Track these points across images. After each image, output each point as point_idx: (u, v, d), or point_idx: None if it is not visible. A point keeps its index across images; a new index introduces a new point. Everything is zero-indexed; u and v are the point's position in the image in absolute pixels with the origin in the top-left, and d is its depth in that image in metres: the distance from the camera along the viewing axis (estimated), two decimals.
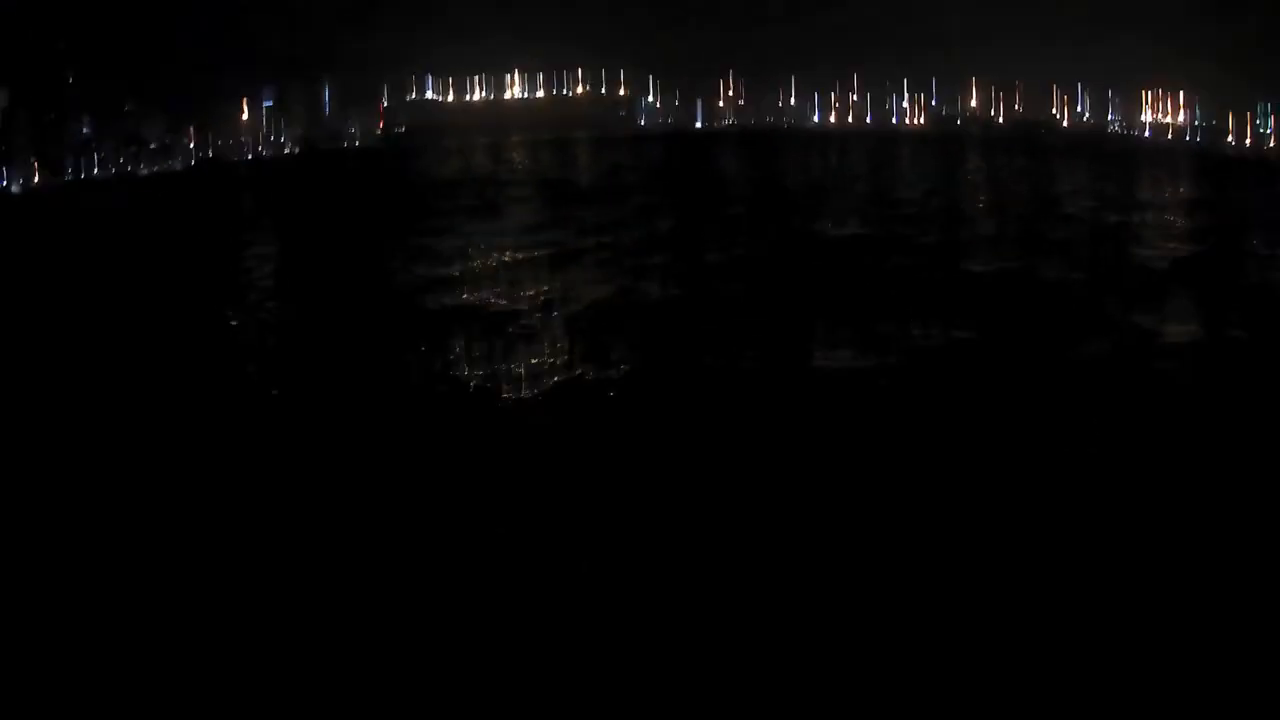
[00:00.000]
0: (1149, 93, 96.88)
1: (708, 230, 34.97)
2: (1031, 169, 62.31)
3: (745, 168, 63.73)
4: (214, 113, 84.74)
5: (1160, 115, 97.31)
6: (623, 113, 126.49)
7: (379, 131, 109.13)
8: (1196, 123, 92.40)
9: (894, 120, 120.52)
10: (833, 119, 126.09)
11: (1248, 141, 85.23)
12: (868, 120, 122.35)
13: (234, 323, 22.77)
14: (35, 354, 19.22)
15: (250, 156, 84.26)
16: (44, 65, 68.26)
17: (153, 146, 75.43)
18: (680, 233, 34.30)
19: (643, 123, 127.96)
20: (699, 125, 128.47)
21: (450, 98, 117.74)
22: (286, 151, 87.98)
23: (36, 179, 62.19)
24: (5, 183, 59.61)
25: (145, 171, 72.67)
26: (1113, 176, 56.09)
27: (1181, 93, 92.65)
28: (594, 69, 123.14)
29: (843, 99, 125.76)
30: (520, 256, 29.51)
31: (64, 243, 39.99)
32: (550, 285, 24.16)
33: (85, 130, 72.03)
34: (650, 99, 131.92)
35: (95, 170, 69.13)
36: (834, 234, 32.81)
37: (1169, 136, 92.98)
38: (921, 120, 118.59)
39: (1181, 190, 49.39)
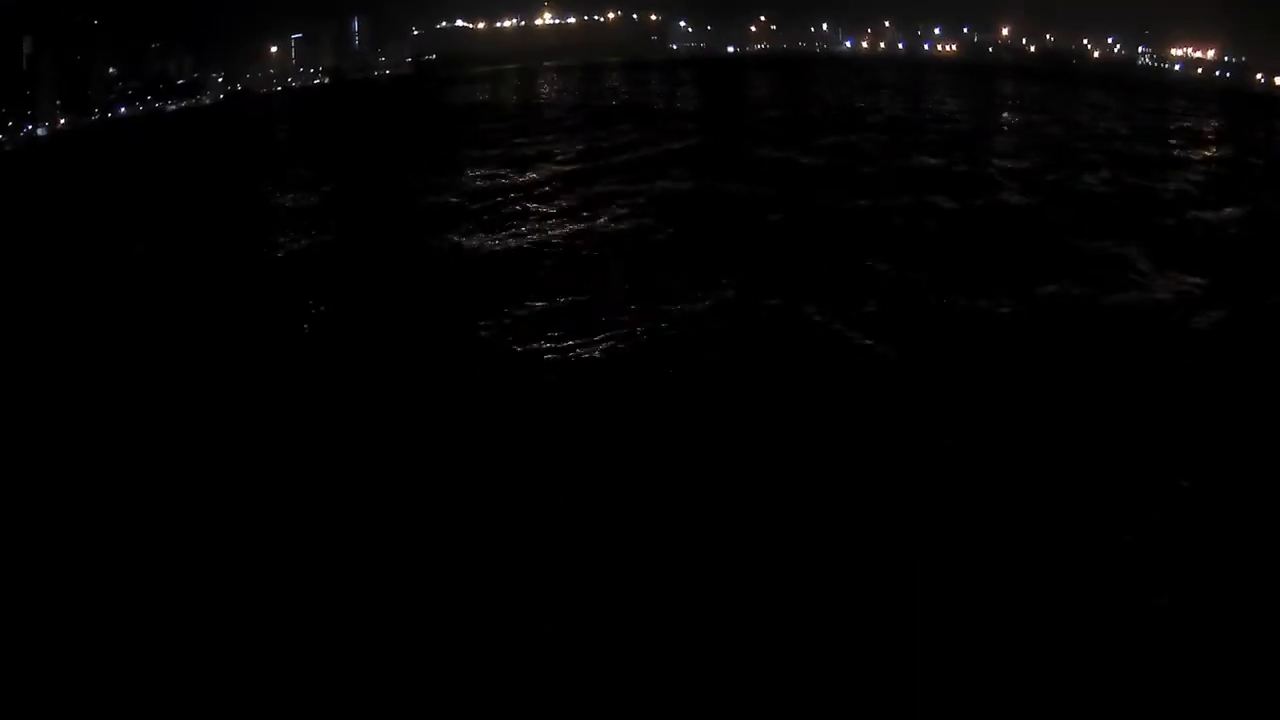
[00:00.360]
0: (1180, 27, 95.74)
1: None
2: (1062, 96, 58.93)
3: (777, 91, 61.14)
4: (243, 47, 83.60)
5: (1191, 50, 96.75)
6: (654, 37, 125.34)
7: (409, 60, 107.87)
8: (1226, 58, 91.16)
9: (925, 47, 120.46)
10: (864, 45, 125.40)
11: (1278, 80, 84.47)
12: (900, 46, 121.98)
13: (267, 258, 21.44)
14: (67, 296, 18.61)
15: (280, 89, 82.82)
16: (69, 6, 67.17)
17: (180, 83, 74.19)
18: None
19: (674, 47, 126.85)
20: (730, 50, 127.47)
21: (481, 25, 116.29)
22: (316, 83, 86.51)
23: (62, 121, 61.10)
24: (31, 125, 58.52)
25: (173, 108, 71.42)
26: (1142, 106, 53.43)
27: (1212, 29, 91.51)
28: None
29: (875, 25, 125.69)
30: (548, 185, 27.86)
31: (88, 184, 39.23)
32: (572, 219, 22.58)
33: (112, 70, 70.96)
34: (681, 23, 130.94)
35: (123, 109, 67.98)
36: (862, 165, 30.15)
37: (1199, 71, 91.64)
38: (953, 48, 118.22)
39: (1211, 123, 46.45)
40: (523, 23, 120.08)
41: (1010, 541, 8.40)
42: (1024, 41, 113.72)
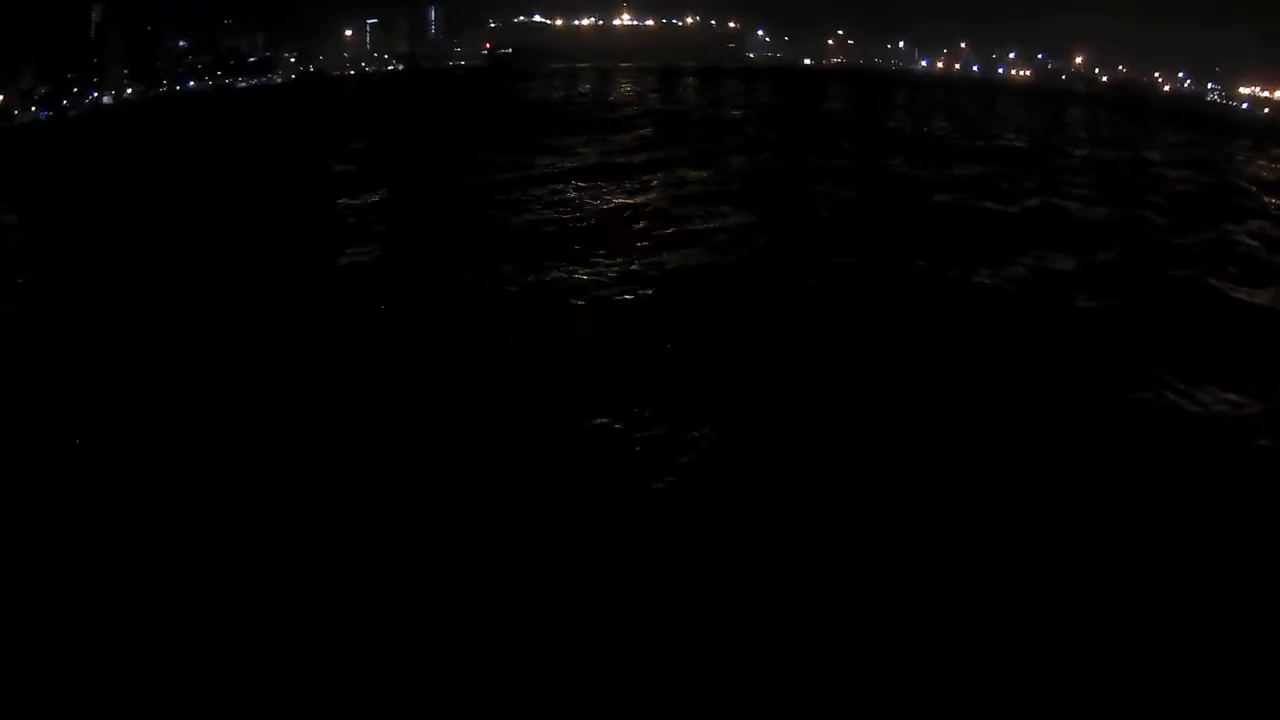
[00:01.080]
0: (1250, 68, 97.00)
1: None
2: (1129, 126, 57.67)
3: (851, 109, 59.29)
4: (317, 28, 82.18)
5: (1259, 90, 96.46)
6: (731, 45, 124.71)
7: (484, 52, 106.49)
8: None
9: (999, 71, 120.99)
10: (939, 65, 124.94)
11: None
12: (974, 69, 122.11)
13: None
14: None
15: (352, 72, 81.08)
16: None
17: (252, 60, 72.54)
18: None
19: (751, 55, 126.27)
20: (807, 62, 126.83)
21: (559, 21, 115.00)
22: (390, 69, 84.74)
23: (129, 91, 59.41)
24: (97, 93, 56.87)
25: (244, 85, 69.68)
26: (1206, 141, 51.64)
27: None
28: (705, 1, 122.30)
29: (950, 46, 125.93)
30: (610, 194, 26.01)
31: (152, 152, 37.93)
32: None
33: (182, 43, 69.53)
34: (759, 32, 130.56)
35: (191, 83, 66.32)
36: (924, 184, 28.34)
37: (1265, 111, 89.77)
38: (1027, 73, 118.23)
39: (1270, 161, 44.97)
40: (600, 22, 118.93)
41: (1010, 541, 8.33)
42: (1096, 71, 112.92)
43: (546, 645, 7.02)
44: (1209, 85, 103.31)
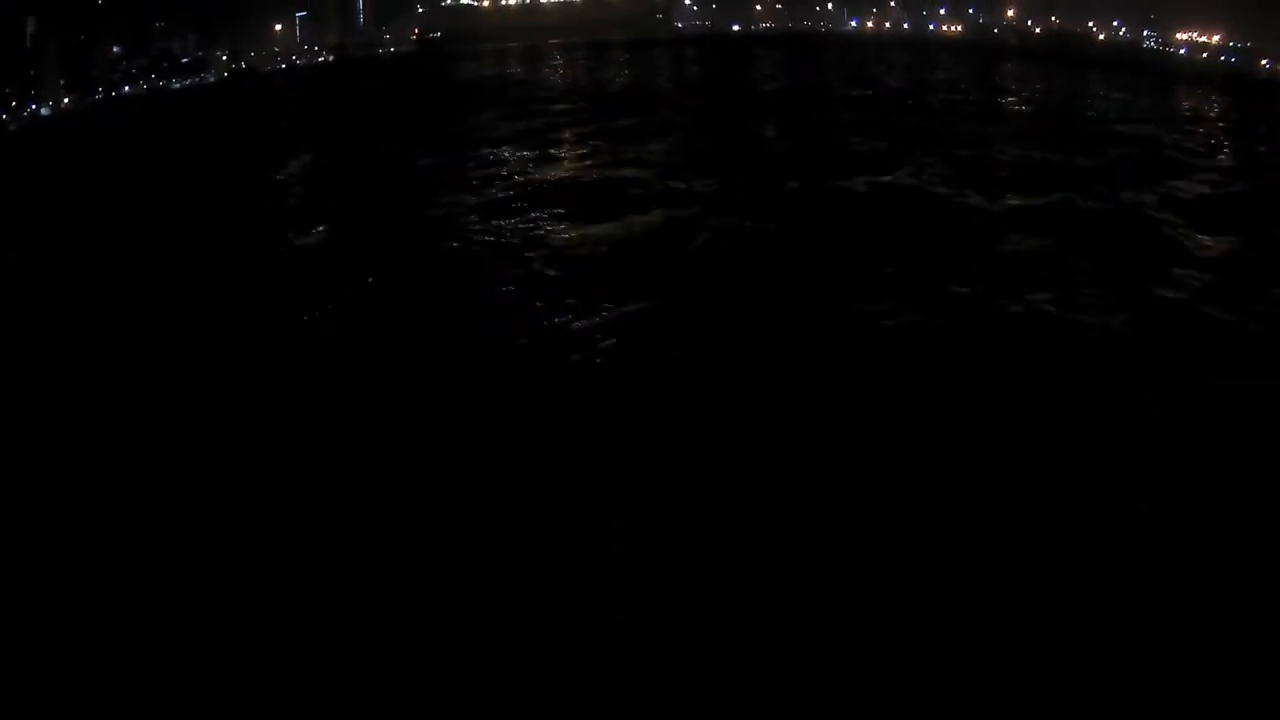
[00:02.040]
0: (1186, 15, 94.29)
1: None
2: (1067, 78, 58.75)
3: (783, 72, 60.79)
4: (246, 25, 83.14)
5: (1196, 35, 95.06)
6: (659, 16, 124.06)
7: (414, 38, 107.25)
8: (1232, 43, 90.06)
9: (930, 27, 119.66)
10: (869, 25, 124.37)
11: None
12: (905, 26, 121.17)
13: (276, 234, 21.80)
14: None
15: (284, 66, 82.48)
16: None
17: (185, 61, 73.97)
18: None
19: (680, 25, 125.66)
20: (735, 28, 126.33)
21: (485, 2, 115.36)
22: (320, 60, 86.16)
23: (66, 100, 60.97)
24: (35, 105, 58.41)
25: (177, 86, 71.23)
26: (1145, 88, 53.00)
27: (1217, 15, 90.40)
28: None
29: (880, 5, 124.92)
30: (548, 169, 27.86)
31: (93, 163, 38.67)
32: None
33: (115, 49, 70.74)
34: (687, 1, 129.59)
35: (126, 88, 67.82)
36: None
37: (1204, 55, 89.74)
38: (958, 28, 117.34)
39: (1213, 106, 46.01)
40: (528, 0, 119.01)
41: (1011, 540, 8.28)
42: (1029, 23, 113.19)
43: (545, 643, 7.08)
44: (1144, 33, 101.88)
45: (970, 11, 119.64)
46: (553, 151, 30.82)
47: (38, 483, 10.02)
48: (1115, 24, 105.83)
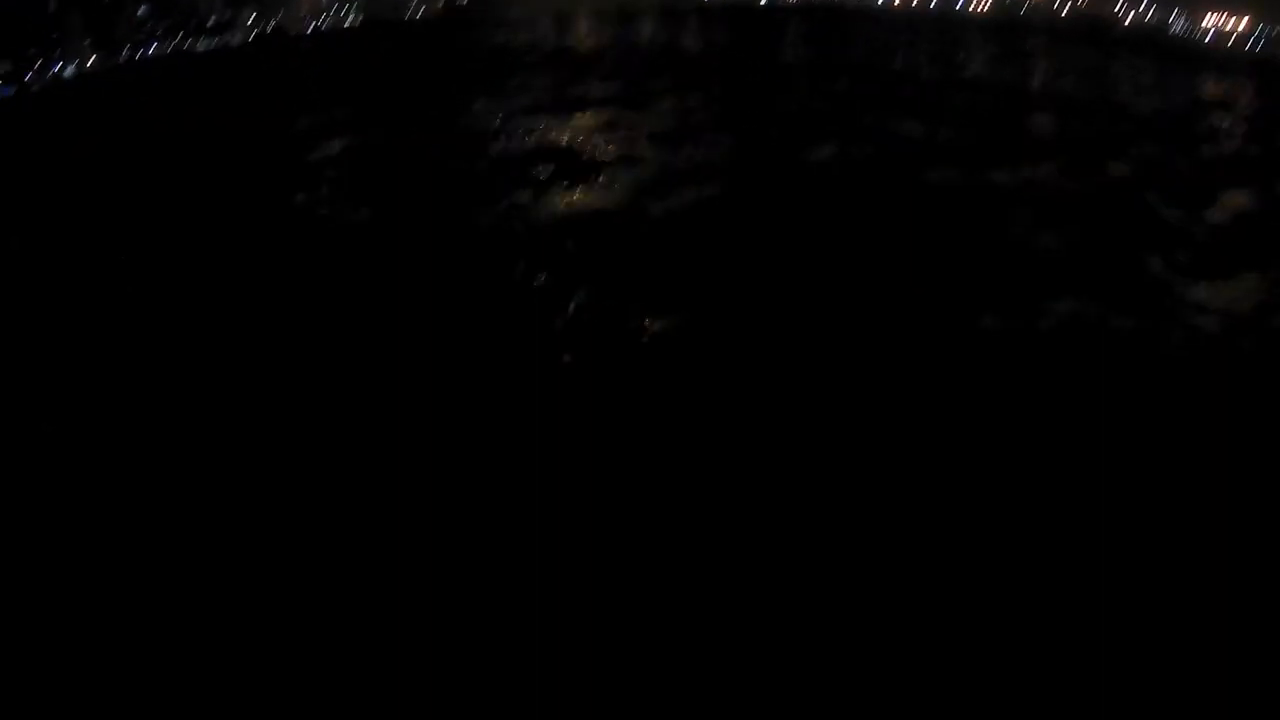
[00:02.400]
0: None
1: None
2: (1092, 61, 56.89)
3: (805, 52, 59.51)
4: None
5: (1223, 21, 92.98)
6: None
7: (441, 2, 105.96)
8: (1258, 31, 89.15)
9: (956, 6, 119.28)
10: (897, 2, 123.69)
11: None
12: (931, 5, 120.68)
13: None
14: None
15: (309, 30, 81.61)
16: None
17: (211, 23, 73.22)
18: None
19: None
20: (762, 2, 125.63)
21: None
22: (347, 25, 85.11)
23: (91, 60, 60.35)
24: (59, 66, 57.80)
25: (203, 48, 70.57)
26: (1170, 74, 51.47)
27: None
28: None
29: None
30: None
31: (120, 123, 38.41)
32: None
33: (140, 10, 70.05)
34: None
35: (152, 49, 67.16)
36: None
37: (1230, 44, 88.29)
38: (985, 7, 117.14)
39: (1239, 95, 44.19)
40: None
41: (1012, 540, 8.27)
42: (1055, 6, 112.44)
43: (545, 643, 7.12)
44: (1170, 19, 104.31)
45: None
46: (570, 122, 30.11)
47: (51, 462, 10.05)
48: (1142, 6, 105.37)
